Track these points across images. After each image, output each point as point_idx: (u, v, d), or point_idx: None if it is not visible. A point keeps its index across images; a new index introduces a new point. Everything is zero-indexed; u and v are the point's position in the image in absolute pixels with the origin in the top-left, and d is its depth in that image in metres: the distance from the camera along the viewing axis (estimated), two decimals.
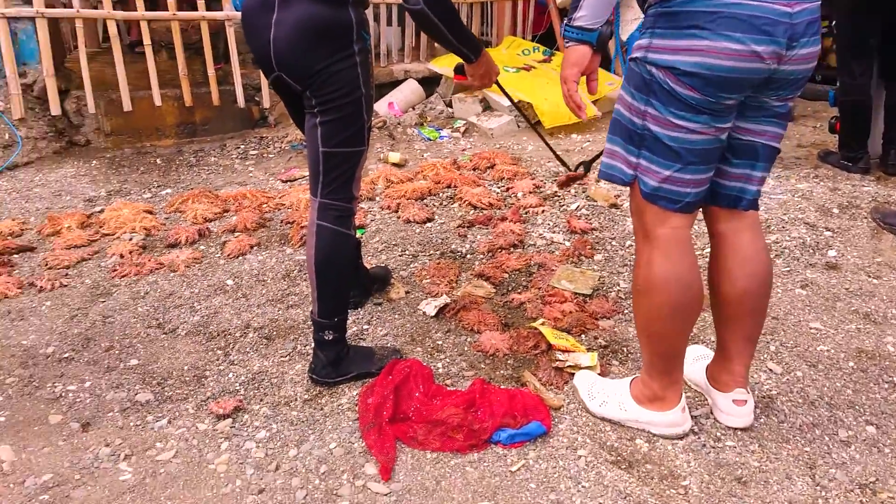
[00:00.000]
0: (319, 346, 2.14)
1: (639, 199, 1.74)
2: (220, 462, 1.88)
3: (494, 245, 3.01)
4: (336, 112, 1.96)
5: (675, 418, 1.90)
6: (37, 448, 1.94)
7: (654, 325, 1.82)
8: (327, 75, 1.90)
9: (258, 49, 1.96)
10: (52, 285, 2.77)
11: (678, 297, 1.76)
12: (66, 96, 4.36)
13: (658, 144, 1.66)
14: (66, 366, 2.30)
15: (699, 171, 1.68)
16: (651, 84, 1.63)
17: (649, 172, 1.69)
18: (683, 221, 1.75)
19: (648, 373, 1.90)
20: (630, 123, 1.70)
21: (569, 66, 1.77)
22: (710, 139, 1.65)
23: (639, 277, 1.81)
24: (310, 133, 2.02)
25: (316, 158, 2.02)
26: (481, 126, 4.71)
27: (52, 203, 3.61)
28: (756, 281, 1.85)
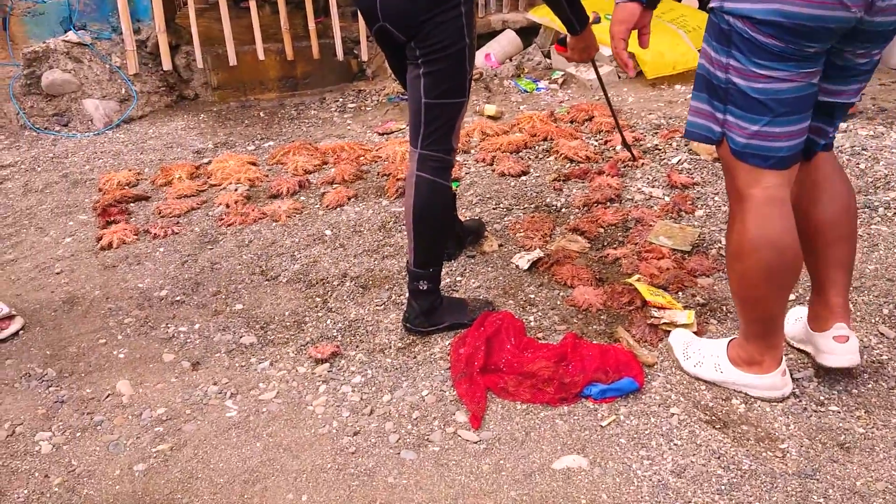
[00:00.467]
0: (414, 295, 2.18)
1: (729, 157, 1.67)
2: (317, 404, 1.97)
3: (590, 199, 2.95)
4: (440, 63, 1.95)
5: (774, 381, 1.83)
6: (152, 384, 2.09)
7: (749, 291, 1.75)
8: (433, 25, 1.90)
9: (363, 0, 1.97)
10: (165, 232, 2.93)
11: (772, 261, 1.68)
12: (176, 52, 4.54)
13: (744, 98, 1.58)
14: (177, 308, 2.45)
15: (791, 122, 1.60)
16: (730, 34, 1.55)
17: (737, 128, 1.62)
18: (778, 179, 1.65)
19: (745, 336, 1.85)
20: (714, 77, 1.62)
21: (616, 24, 1.73)
22: (800, 86, 1.56)
23: (731, 241, 1.74)
24: (412, 84, 2.02)
25: (418, 109, 2.03)
26: (580, 77, 4.59)
27: (164, 155, 3.80)
28: (843, 204, 1.80)
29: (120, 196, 3.25)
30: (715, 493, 1.62)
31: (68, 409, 2.00)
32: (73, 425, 1.94)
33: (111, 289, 2.58)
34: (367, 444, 1.82)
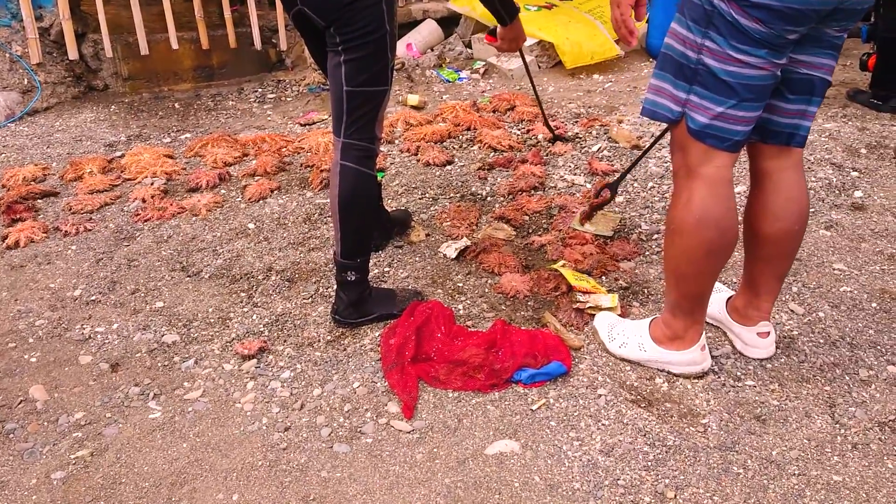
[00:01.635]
0: (342, 287, 2.15)
1: (684, 136, 1.69)
2: (246, 401, 1.93)
3: (515, 187, 2.99)
4: (361, 50, 1.92)
5: (694, 356, 1.91)
6: (68, 388, 2.00)
7: (686, 267, 1.79)
8: (353, 11, 1.86)
9: None
10: (77, 230, 2.80)
11: (714, 239, 1.72)
12: (83, 40, 4.34)
13: (713, 79, 1.60)
14: (93, 308, 2.35)
15: (752, 108, 1.63)
16: (712, 16, 1.56)
17: (700, 108, 1.64)
18: (728, 160, 1.69)
19: (672, 312, 1.90)
20: (682, 57, 1.63)
21: None
22: (766, 75, 1.59)
23: (675, 216, 1.76)
24: (333, 72, 1.99)
25: (340, 98, 2.00)
26: (501, 67, 4.63)
27: (73, 148, 3.63)
28: (797, 221, 1.84)
29: (26, 192, 3.09)
30: (642, 469, 1.67)
31: None
32: None
33: (19, 290, 2.45)
34: (299, 440, 1.80)
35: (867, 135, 3.42)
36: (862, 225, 2.67)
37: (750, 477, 1.65)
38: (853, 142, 3.34)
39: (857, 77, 4.16)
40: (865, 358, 2.00)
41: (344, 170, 2.04)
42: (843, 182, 2.96)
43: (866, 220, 2.70)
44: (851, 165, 3.11)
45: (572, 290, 2.29)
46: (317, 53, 2.11)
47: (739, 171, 2.91)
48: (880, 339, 2.08)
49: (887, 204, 2.81)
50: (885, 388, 1.89)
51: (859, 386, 1.91)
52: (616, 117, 3.70)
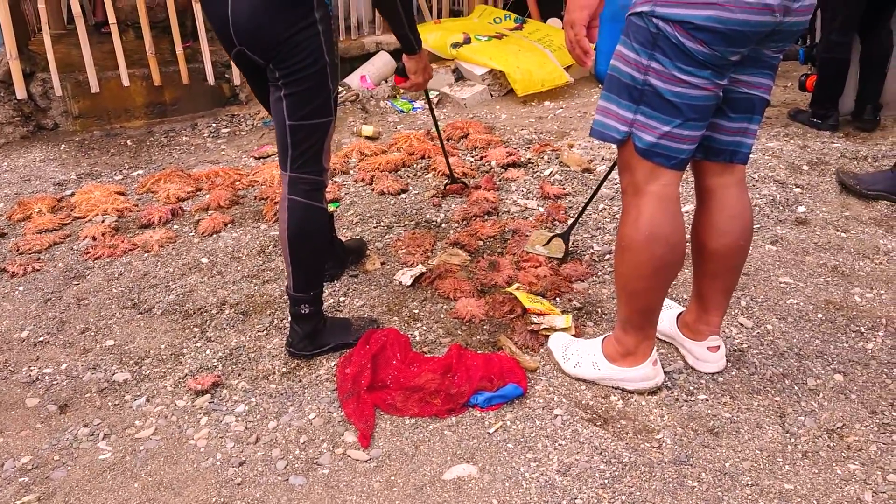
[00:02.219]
0: (296, 319, 2.14)
1: (631, 155, 1.72)
2: (199, 437, 1.89)
3: (469, 213, 3.02)
4: (301, 84, 1.92)
5: (647, 372, 1.93)
6: (14, 431, 1.94)
7: (635, 283, 1.82)
8: (290, 46, 1.86)
9: (217, 24, 1.91)
10: (25, 270, 2.74)
11: (663, 255, 1.76)
12: (31, 79, 4.28)
13: (659, 100, 1.64)
14: (41, 349, 2.29)
15: (697, 127, 1.68)
16: (657, 38, 1.60)
17: (646, 128, 1.67)
18: (674, 178, 1.74)
19: (623, 328, 1.92)
20: (629, 78, 1.67)
21: (577, 10, 1.69)
22: (709, 95, 1.64)
23: (625, 234, 1.79)
24: (275, 106, 1.98)
25: (283, 132, 1.98)
26: (454, 96, 4.69)
27: (21, 188, 3.56)
28: (742, 236, 1.89)
29: None
30: (599, 487, 1.68)
31: None
32: None
33: None
34: (254, 474, 1.77)
35: (808, 152, 3.53)
36: (806, 239, 2.74)
37: (705, 490, 1.66)
38: (795, 159, 3.44)
39: (798, 97, 4.31)
40: (813, 367, 2.05)
41: (292, 204, 2.03)
42: (787, 198, 3.05)
43: (810, 234, 2.78)
44: (794, 182, 3.20)
45: (527, 312, 2.30)
46: (259, 91, 2.10)
47: (687, 191, 2.98)
48: (826, 348, 2.13)
49: (829, 218, 2.89)
50: (833, 396, 1.94)
51: (808, 395, 1.95)
52: (567, 142, 3.77)
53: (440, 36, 4.95)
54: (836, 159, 3.44)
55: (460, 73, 4.91)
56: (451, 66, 4.89)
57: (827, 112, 3.79)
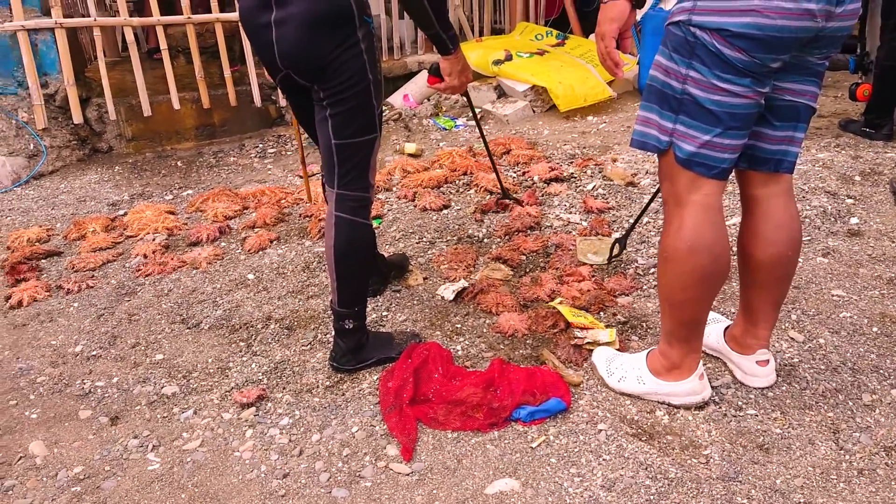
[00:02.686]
0: (340, 334, 2.16)
1: (672, 165, 1.71)
2: (244, 449, 1.92)
3: (511, 228, 3.01)
4: (346, 103, 1.94)
5: (693, 386, 1.89)
6: (68, 442, 1.99)
7: (679, 294, 1.79)
8: (334, 67, 1.88)
9: (262, 49, 1.95)
10: (79, 287, 2.83)
11: (706, 265, 1.73)
12: (87, 104, 4.44)
13: (698, 109, 1.63)
14: (94, 363, 2.36)
15: (738, 136, 1.65)
16: (695, 46, 1.58)
17: (687, 137, 1.66)
18: (716, 188, 1.71)
19: (668, 341, 1.89)
20: (667, 88, 1.66)
21: (607, 22, 1.69)
22: (750, 103, 1.62)
23: (667, 245, 1.77)
24: (320, 126, 2.00)
25: (329, 151, 2.00)
26: (496, 113, 4.70)
27: (77, 209, 3.68)
28: (789, 247, 1.85)
29: (30, 253, 3.13)
30: (644, 503, 1.64)
31: None
32: None
33: (21, 348, 2.47)
34: (298, 486, 1.78)
35: (861, 162, 3.44)
36: (859, 251, 2.66)
37: None
38: (847, 170, 3.35)
39: (849, 107, 4.20)
40: (868, 382, 1.98)
41: (339, 221, 2.05)
42: (839, 209, 2.97)
43: (863, 246, 2.70)
44: (846, 193, 3.12)
45: (570, 326, 2.28)
46: (302, 113, 2.14)
47: (735, 203, 2.93)
48: (882, 363, 2.06)
49: (883, 229, 2.81)
50: (890, 412, 1.87)
51: (863, 411, 1.88)
52: (611, 156, 3.74)
53: (482, 54, 4.98)
54: (891, 169, 3.34)
55: (502, 90, 4.92)
56: (493, 84, 4.91)
57: (882, 121, 3.69)
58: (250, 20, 1.94)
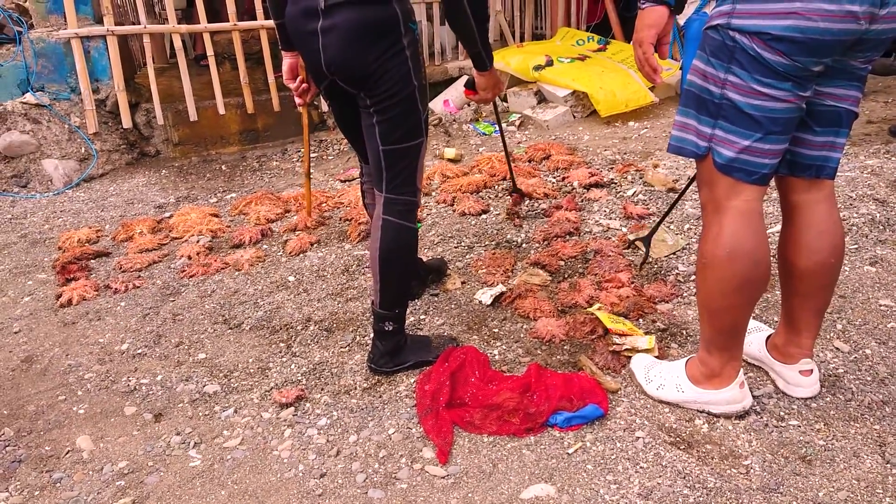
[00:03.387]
0: (379, 336, 2.18)
1: (711, 170, 1.69)
2: (283, 448, 1.94)
3: (550, 233, 3.00)
4: (392, 109, 1.96)
5: (733, 395, 1.86)
6: (113, 438, 2.05)
7: (719, 300, 1.76)
8: (380, 74, 1.91)
9: (308, 57, 1.98)
10: (126, 287, 2.91)
11: (746, 271, 1.70)
12: (136, 109, 4.56)
13: (737, 113, 1.60)
14: (139, 361, 2.42)
15: (778, 141, 1.62)
16: (734, 50, 1.56)
17: (725, 143, 1.64)
18: (756, 194, 1.68)
19: (707, 349, 1.86)
20: (706, 93, 1.64)
21: (645, 28, 1.68)
22: (791, 107, 1.59)
23: (706, 251, 1.74)
24: (368, 132, 2.03)
25: (377, 156, 2.03)
26: (536, 118, 4.69)
27: (125, 211, 3.78)
28: (832, 254, 1.81)
29: (80, 253, 3.22)
30: None
31: (26, 469, 1.95)
32: (32, 484, 1.89)
33: (71, 345, 2.54)
34: (334, 486, 1.80)
35: None
36: None
37: None
38: None
39: None
40: None
41: (386, 224, 2.07)
42: (888, 217, 2.90)
43: None
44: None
45: (608, 332, 2.27)
46: (343, 119, 2.17)
47: (777, 211, 2.87)
48: None
49: None
50: None
51: None
52: (652, 162, 3.71)
53: (523, 59, 4.98)
54: None
55: (542, 95, 4.91)
56: (534, 89, 4.91)
57: None
58: (297, 28, 1.96)
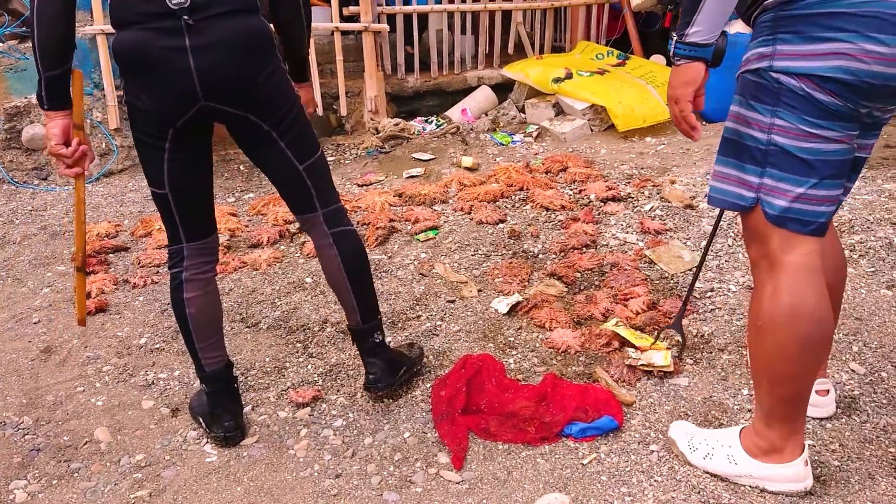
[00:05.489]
0: (370, 353, 2.05)
1: (762, 223, 1.57)
2: (299, 447, 1.96)
3: (566, 245, 3.02)
4: (294, 126, 1.83)
5: (796, 471, 1.68)
6: (131, 430, 2.07)
7: (780, 367, 1.60)
8: (271, 90, 1.76)
9: (168, 82, 1.66)
10: (145, 282, 2.93)
11: (811, 334, 1.56)
12: None
13: (788, 158, 1.50)
14: (157, 355, 2.44)
15: (834, 185, 1.52)
16: (779, 93, 1.48)
17: (776, 192, 1.53)
18: (814, 246, 1.56)
19: (766, 421, 1.68)
20: (749, 139, 1.55)
21: (681, 86, 1.56)
22: (845, 148, 1.50)
23: (762, 312, 1.59)
24: (276, 159, 1.85)
25: (298, 178, 1.87)
26: (554, 130, 4.72)
27: (144, 207, 3.82)
28: (838, 275, 1.79)
29: (99, 247, 3.25)
30: None
31: (45, 457, 1.97)
32: (50, 473, 1.91)
33: (89, 338, 2.57)
34: (349, 487, 1.81)
35: None
36: None
37: None
38: None
39: None
40: None
41: (337, 235, 1.95)
42: None
43: None
44: None
45: (624, 346, 2.27)
46: (194, 170, 1.87)
47: None
48: None
49: None
50: None
51: None
52: (669, 178, 3.72)
53: (542, 71, 5.01)
54: None
55: (560, 107, 4.94)
56: (552, 101, 4.93)
57: None
58: (148, 50, 1.64)
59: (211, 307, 1.96)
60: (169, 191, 1.83)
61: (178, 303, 1.92)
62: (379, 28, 4.91)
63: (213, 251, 1.98)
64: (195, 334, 1.93)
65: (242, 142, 1.87)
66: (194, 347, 1.95)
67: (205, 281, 1.94)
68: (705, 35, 1.51)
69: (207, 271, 1.95)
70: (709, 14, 1.49)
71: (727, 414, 1.99)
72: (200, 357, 1.95)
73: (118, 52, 1.68)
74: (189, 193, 1.86)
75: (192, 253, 1.91)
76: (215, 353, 1.98)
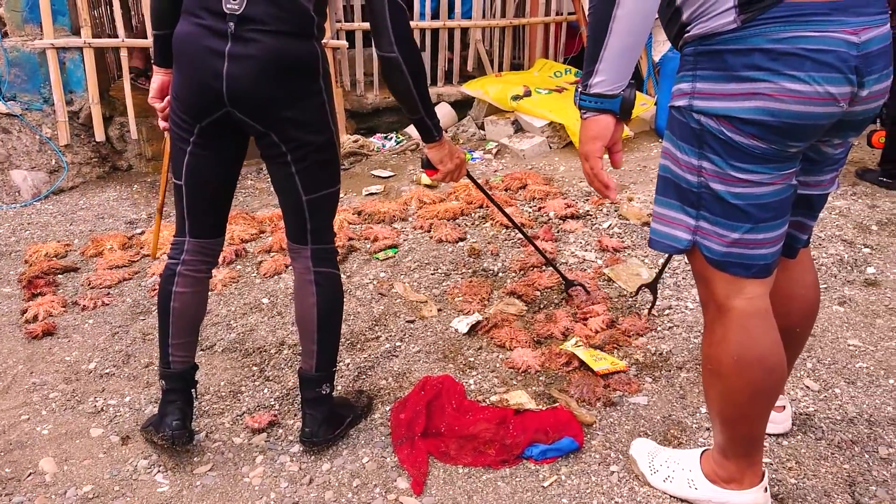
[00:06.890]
0: (313, 405, 1.96)
1: (703, 265, 1.50)
2: (254, 475, 1.91)
3: (526, 263, 3.02)
4: (312, 157, 1.80)
5: (756, 498, 1.65)
6: (78, 460, 1.99)
7: (731, 410, 1.57)
8: (296, 115, 1.74)
9: (201, 80, 1.71)
10: (95, 304, 2.85)
11: (761, 381, 1.51)
12: (109, 123, 4.51)
13: (720, 203, 1.42)
14: (107, 381, 2.36)
15: (773, 227, 1.44)
16: (702, 135, 1.39)
17: (713, 236, 1.45)
18: (761, 288, 1.49)
19: (724, 454, 1.66)
20: (682, 181, 1.46)
21: (589, 141, 1.45)
22: (781, 188, 1.42)
23: (711, 356, 1.55)
24: (285, 183, 1.83)
25: (298, 207, 1.85)
26: (513, 147, 4.74)
27: (95, 226, 3.72)
28: (810, 308, 1.74)
29: (47, 268, 3.15)
30: None
31: None
32: None
33: (36, 363, 2.48)
34: None
35: (878, 212, 3.44)
36: (876, 301, 2.66)
37: None
38: (864, 219, 3.35)
39: (866, 155, 4.22)
40: (885, 435, 1.96)
41: (320, 277, 1.91)
42: (855, 258, 2.97)
43: (880, 296, 2.69)
44: (863, 242, 3.12)
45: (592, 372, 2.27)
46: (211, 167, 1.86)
47: None
48: None
49: None
50: None
51: (879, 464, 1.86)
52: (626, 195, 3.76)
53: (501, 88, 5.04)
54: None
55: (519, 124, 4.96)
56: (511, 118, 4.96)
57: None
58: (193, 45, 1.71)
59: (195, 307, 1.97)
60: (184, 183, 1.87)
61: (165, 294, 1.92)
62: (338, 45, 4.89)
63: (214, 255, 1.99)
64: (172, 328, 1.93)
65: (262, 152, 1.87)
66: (167, 342, 1.93)
67: (197, 280, 1.95)
68: (610, 85, 1.39)
69: (202, 272, 1.96)
70: (611, 62, 1.37)
71: (686, 433, 2.00)
72: (170, 353, 1.93)
73: (174, 40, 1.77)
74: (202, 190, 1.88)
75: (192, 249, 1.93)
76: (185, 353, 1.96)
